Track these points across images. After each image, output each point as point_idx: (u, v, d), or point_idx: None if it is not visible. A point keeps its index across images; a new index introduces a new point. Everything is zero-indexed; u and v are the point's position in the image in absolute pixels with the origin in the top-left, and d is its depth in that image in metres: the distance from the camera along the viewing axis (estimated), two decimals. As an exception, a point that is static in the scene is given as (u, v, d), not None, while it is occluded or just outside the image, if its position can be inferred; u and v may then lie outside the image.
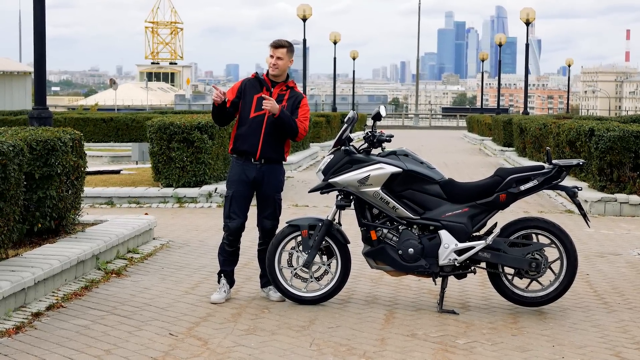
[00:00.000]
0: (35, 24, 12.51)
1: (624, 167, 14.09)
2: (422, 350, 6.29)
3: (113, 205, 14.45)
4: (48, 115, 12.90)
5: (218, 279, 7.83)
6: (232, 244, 7.73)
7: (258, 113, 7.60)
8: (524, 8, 39.01)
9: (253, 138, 7.60)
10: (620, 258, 10.11)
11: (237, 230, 7.67)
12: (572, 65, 79.87)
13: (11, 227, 7.76)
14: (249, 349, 6.26)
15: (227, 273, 7.80)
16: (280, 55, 7.61)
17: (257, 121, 7.60)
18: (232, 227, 7.65)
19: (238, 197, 7.67)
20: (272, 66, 7.65)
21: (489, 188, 7.43)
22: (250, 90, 7.68)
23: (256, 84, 7.70)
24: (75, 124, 29.51)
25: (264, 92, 7.62)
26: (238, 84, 7.79)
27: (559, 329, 6.93)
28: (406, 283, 8.46)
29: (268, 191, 7.70)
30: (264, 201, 7.76)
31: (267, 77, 7.71)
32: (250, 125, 7.61)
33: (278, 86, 7.70)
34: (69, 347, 6.26)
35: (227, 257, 7.78)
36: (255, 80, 7.73)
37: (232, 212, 7.66)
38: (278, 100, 7.63)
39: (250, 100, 7.64)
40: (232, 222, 7.65)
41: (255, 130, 7.60)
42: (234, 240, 7.72)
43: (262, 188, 7.70)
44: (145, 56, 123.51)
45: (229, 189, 7.73)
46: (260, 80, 7.70)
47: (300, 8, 41.19)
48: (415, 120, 70.35)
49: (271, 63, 7.65)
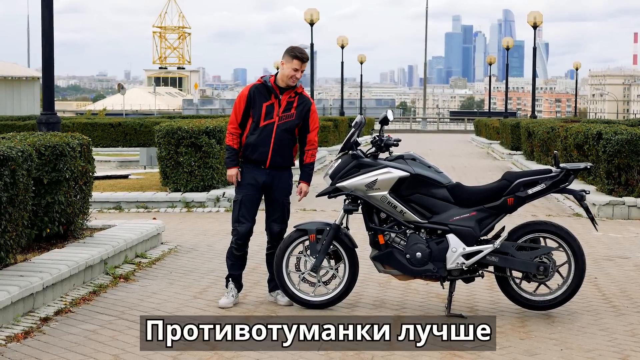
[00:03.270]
0: (44, 29, 12.54)
1: (632, 170, 14.06)
2: (429, 355, 6.28)
3: (121, 210, 14.47)
4: (56, 121, 12.93)
5: (226, 283, 7.84)
6: (240, 248, 7.74)
7: (267, 122, 7.60)
8: (531, 11, 39.00)
9: (262, 147, 7.60)
10: (629, 261, 10.09)
11: (246, 234, 7.68)
12: (579, 68, 79.78)
13: (20, 232, 7.78)
14: (257, 354, 6.27)
15: (235, 277, 7.81)
16: (305, 69, 7.61)
17: (267, 130, 7.60)
18: (241, 231, 7.66)
19: (247, 202, 7.67)
20: (292, 78, 7.59)
21: (496, 192, 7.43)
22: (259, 99, 7.65)
23: (264, 91, 7.67)
24: (83, 129, 29.53)
25: (272, 100, 7.61)
26: (246, 92, 7.72)
27: (567, 333, 6.92)
28: (414, 287, 8.45)
29: (277, 195, 7.72)
30: (272, 205, 7.77)
31: (274, 84, 7.68)
32: (260, 134, 7.60)
33: (286, 93, 7.67)
34: (78, 352, 6.28)
35: (235, 262, 7.79)
36: (263, 87, 7.69)
37: (241, 216, 7.67)
38: (287, 107, 7.62)
39: (259, 109, 7.61)
40: (241, 226, 7.66)
41: (265, 139, 7.59)
42: (242, 245, 7.73)
43: (272, 192, 7.71)
44: (153, 61, 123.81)
45: (237, 193, 7.74)
46: (268, 87, 7.66)
47: (307, 12, 41.21)
48: (423, 124, 70.34)
49: (294, 76, 7.58)
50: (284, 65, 7.61)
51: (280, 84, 7.66)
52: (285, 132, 7.63)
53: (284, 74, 7.61)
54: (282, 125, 7.59)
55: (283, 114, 7.63)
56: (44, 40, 12.58)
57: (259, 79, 7.78)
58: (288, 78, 7.60)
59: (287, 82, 7.61)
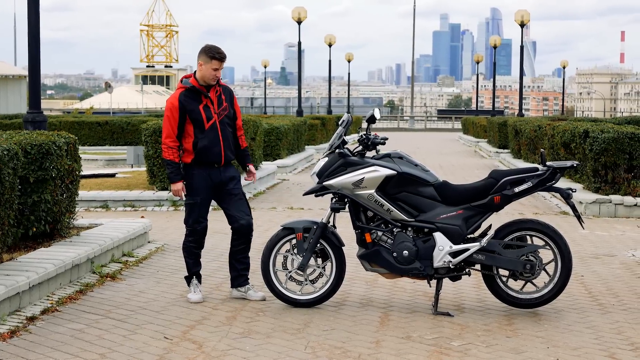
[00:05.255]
0: (30, 27, 12.50)
1: (619, 168, 14.12)
2: (417, 353, 6.29)
3: (108, 208, 14.44)
4: (42, 119, 12.89)
5: (188, 281, 8.00)
6: (201, 245, 7.97)
7: (210, 122, 7.72)
8: (519, 10, 39.06)
9: (215, 147, 7.73)
10: (615, 259, 10.12)
11: (205, 231, 7.95)
12: (566, 67, 79.95)
13: (6, 231, 7.76)
14: (244, 352, 6.26)
15: (198, 273, 8.02)
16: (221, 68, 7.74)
17: (213, 130, 7.72)
18: (201, 230, 7.90)
19: (204, 204, 7.88)
20: (214, 78, 7.68)
21: (483, 190, 7.44)
22: (191, 104, 7.68)
23: (193, 95, 7.71)
24: (70, 128, 29.49)
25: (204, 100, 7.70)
26: (176, 102, 7.66)
27: (553, 331, 6.94)
28: (401, 285, 8.46)
29: (233, 186, 7.89)
30: (232, 199, 7.91)
31: (197, 83, 7.71)
32: (207, 136, 7.70)
33: (212, 89, 7.79)
34: (64, 351, 6.26)
35: (195, 259, 7.99)
36: (190, 91, 7.71)
37: (200, 216, 7.87)
38: (219, 102, 7.78)
39: (197, 112, 7.68)
40: (200, 225, 7.89)
41: (214, 139, 7.72)
42: (203, 242, 7.98)
43: (227, 186, 7.87)
44: (141, 59, 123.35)
45: (193, 196, 7.83)
46: (196, 89, 7.69)
47: (295, 11, 41.17)
48: (411, 123, 70.44)
49: (214, 76, 7.66)
50: (203, 67, 7.67)
51: (202, 83, 7.74)
52: (227, 126, 7.84)
53: (205, 75, 7.68)
54: (223, 121, 7.78)
55: (219, 109, 7.78)
56: (30, 38, 12.54)
57: (180, 85, 7.79)
58: (210, 79, 7.69)
59: (209, 82, 7.72)
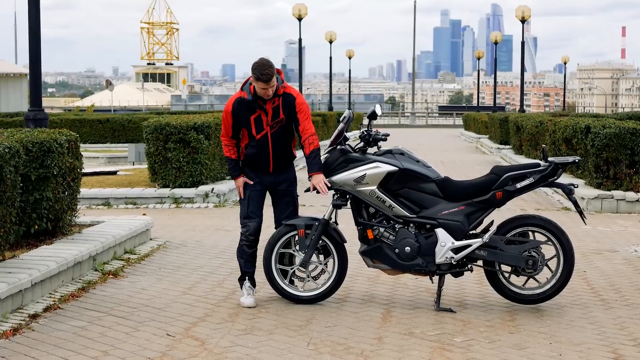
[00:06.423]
0: (30, 25, 12.49)
1: (620, 164, 14.10)
2: (419, 349, 6.29)
3: (110, 206, 14.44)
4: (44, 117, 12.88)
5: (241, 283, 7.73)
6: (252, 245, 7.65)
7: (260, 134, 7.52)
8: (519, 6, 39.07)
9: (262, 157, 7.55)
10: (617, 255, 10.12)
11: (257, 229, 7.61)
12: (568, 62, 79.82)
13: (8, 228, 7.76)
14: (247, 349, 6.26)
15: (250, 275, 7.71)
16: (272, 86, 7.39)
17: (262, 142, 7.52)
18: (252, 227, 7.59)
19: (255, 197, 7.63)
20: (265, 95, 7.40)
21: (485, 186, 7.43)
22: (243, 113, 7.50)
23: (247, 104, 7.48)
24: (71, 125, 29.48)
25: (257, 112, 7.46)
26: (230, 108, 7.52)
27: (556, 327, 6.93)
28: (403, 282, 8.46)
29: (284, 187, 7.68)
30: (281, 200, 7.72)
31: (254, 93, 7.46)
32: (256, 147, 7.53)
33: (269, 101, 7.50)
34: (67, 348, 6.26)
35: (248, 259, 7.69)
36: (246, 100, 7.47)
37: (250, 211, 7.61)
38: (274, 114, 7.48)
39: (248, 122, 7.50)
40: (251, 222, 7.60)
41: (264, 151, 7.53)
42: (254, 240, 7.64)
43: (279, 187, 7.68)
44: (141, 57, 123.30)
45: (244, 192, 7.67)
46: (251, 100, 7.45)
47: (295, 7, 41.18)
48: (412, 119, 70.40)
49: (265, 93, 7.38)
50: (254, 83, 7.41)
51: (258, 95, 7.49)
52: (280, 137, 7.56)
53: (257, 90, 7.43)
54: (275, 133, 7.52)
55: (272, 121, 7.50)
56: (30, 36, 12.53)
57: (239, 91, 7.58)
58: (261, 94, 7.42)
59: (263, 97, 7.46)
